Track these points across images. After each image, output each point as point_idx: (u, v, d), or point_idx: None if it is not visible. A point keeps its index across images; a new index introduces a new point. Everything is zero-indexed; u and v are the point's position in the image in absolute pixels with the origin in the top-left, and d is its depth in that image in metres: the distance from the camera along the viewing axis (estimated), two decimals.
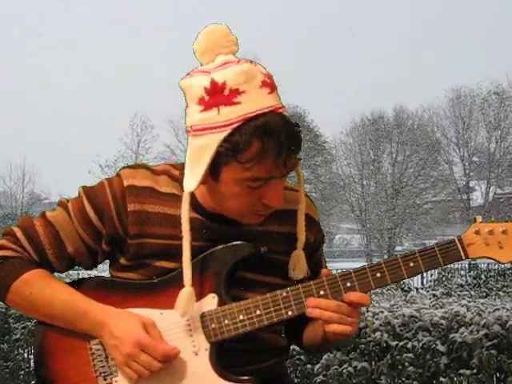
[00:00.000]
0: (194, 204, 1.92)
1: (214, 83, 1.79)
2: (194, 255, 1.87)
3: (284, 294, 1.88)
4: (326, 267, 2.10)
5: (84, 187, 2.01)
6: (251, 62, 1.83)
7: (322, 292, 1.87)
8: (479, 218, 1.91)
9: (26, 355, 8.25)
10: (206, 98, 1.79)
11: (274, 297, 1.88)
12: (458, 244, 1.88)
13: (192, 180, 1.85)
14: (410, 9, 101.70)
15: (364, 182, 47.17)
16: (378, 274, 1.88)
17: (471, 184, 48.63)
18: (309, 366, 5.53)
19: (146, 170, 1.99)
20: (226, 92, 1.77)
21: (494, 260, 1.89)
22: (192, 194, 1.87)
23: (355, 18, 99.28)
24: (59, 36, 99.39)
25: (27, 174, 48.53)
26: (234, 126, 1.76)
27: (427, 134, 47.02)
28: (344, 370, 5.14)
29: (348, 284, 1.88)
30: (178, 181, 1.93)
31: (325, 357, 5.28)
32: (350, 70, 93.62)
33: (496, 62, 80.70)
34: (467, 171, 47.99)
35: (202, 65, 1.87)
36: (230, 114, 1.76)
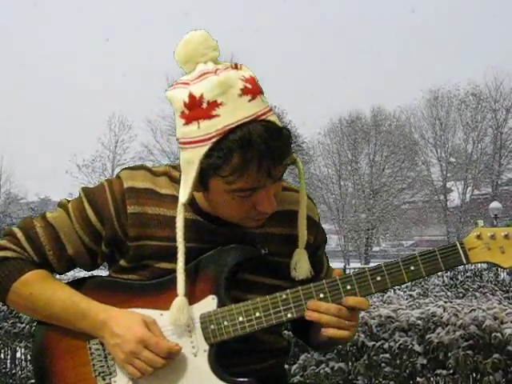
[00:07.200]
0: (193, 205, 1.92)
1: (191, 97, 1.76)
2: (193, 257, 1.87)
3: (284, 296, 1.87)
4: (328, 266, 2.12)
5: (84, 188, 2.01)
6: (234, 65, 1.80)
7: (321, 295, 1.86)
8: (481, 223, 1.90)
9: (2, 356, 8.18)
10: (186, 111, 1.77)
11: (274, 299, 1.87)
12: (460, 248, 1.86)
13: (184, 191, 1.84)
14: (390, 11, 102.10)
15: (341, 183, 47.36)
16: (379, 278, 1.86)
17: (448, 185, 48.87)
18: (286, 366, 5.52)
19: (146, 172, 1.99)
20: (204, 105, 1.74)
21: (496, 265, 1.86)
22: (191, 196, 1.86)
23: (338, 19, 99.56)
24: (40, 35, 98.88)
25: (4, 174, 48.32)
26: (214, 139, 1.73)
27: (405, 134, 47.24)
28: (321, 371, 5.13)
29: (348, 287, 1.86)
30: (178, 182, 1.92)
31: (302, 357, 5.27)
32: (328, 71, 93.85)
33: (474, 64, 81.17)
34: (444, 172, 48.27)
35: (186, 72, 1.85)
36: (210, 128, 1.73)
